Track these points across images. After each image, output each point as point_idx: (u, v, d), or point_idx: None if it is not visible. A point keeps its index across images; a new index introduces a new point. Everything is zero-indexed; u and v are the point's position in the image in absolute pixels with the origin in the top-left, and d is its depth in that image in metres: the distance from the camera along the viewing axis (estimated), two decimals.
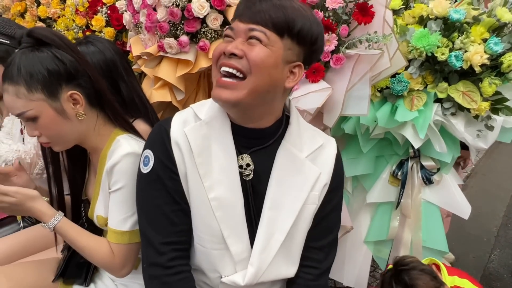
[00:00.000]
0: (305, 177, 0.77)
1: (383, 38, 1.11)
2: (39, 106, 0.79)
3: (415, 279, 0.96)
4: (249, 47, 0.68)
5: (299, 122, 0.82)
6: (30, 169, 1.17)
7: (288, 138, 0.78)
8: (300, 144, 0.79)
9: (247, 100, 0.69)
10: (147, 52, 1.42)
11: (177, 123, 0.76)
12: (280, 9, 0.67)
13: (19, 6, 2.11)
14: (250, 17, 0.68)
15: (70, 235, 0.85)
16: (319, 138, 0.83)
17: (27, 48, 0.79)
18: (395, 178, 1.48)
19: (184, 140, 0.74)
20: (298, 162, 0.78)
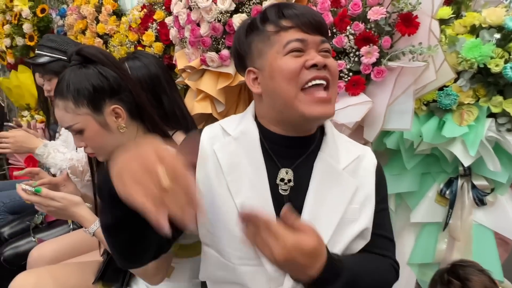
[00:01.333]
0: (343, 189, 0.74)
1: (428, 49, 1.05)
2: (85, 120, 0.85)
3: (470, 274, 0.88)
4: (328, 59, 0.71)
5: (333, 132, 0.80)
6: (82, 176, 1.25)
7: (325, 148, 0.76)
8: (337, 156, 0.76)
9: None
10: (190, 66, 1.47)
11: (206, 138, 0.77)
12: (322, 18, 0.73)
13: (81, 24, 2.30)
14: (320, 29, 0.71)
15: None
16: (355, 149, 0.80)
17: (75, 65, 0.86)
18: (442, 197, 1.39)
19: (212, 157, 0.74)
20: (335, 174, 0.75)
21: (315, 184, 0.73)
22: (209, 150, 0.75)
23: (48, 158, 1.26)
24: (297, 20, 0.70)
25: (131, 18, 2.00)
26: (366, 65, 1.16)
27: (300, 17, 0.70)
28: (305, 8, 0.72)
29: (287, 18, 0.71)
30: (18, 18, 2.44)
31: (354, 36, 1.16)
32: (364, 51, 1.14)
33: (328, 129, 0.79)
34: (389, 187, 1.41)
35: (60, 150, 1.29)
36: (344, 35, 1.18)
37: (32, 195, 0.87)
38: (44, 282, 0.95)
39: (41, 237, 1.34)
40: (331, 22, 1.23)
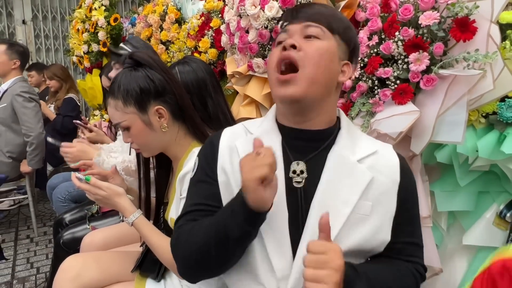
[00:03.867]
0: (356, 181, 0.73)
1: (484, 56, 0.96)
2: (131, 118, 0.93)
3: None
4: (307, 42, 0.72)
5: (349, 127, 0.80)
6: (135, 174, 1.36)
7: (340, 142, 0.76)
8: (352, 148, 0.76)
9: (310, 92, 0.71)
10: (238, 71, 1.52)
11: (228, 135, 0.81)
12: (331, 13, 0.75)
13: (147, 32, 2.49)
14: (304, 17, 0.73)
15: (144, 232, 0.96)
16: (373, 144, 0.79)
17: (127, 68, 0.94)
18: (502, 220, 1.25)
19: (234, 152, 0.77)
20: (348, 164, 0.74)
21: (327, 175, 0.73)
22: (231, 145, 0.78)
23: (104, 164, 1.40)
24: (291, 15, 0.75)
25: (189, 26, 2.12)
26: (414, 73, 1.10)
27: (293, 13, 0.75)
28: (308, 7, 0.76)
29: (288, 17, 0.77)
30: (94, 26, 2.72)
31: (403, 42, 1.11)
32: (413, 57, 1.09)
33: (343, 123, 0.79)
34: (440, 204, 1.33)
35: (113, 156, 1.41)
36: (393, 41, 1.13)
37: (83, 183, 0.97)
38: (89, 265, 1.05)
39: (94, 225, 1.48)
40: (380, 28, 1.18)
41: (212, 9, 2.06)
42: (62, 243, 1.47)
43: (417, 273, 0.77)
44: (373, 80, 1.19)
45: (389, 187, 0.74)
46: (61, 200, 1.96)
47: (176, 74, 1.24)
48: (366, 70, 1.20)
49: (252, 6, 1.35)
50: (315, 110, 0.75)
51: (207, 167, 0.79)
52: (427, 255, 1.28)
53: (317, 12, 0.74)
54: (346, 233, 0.72)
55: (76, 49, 2.96)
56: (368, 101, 1.22)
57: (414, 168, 1.28)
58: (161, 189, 1.10)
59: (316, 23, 0.72)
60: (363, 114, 1.23)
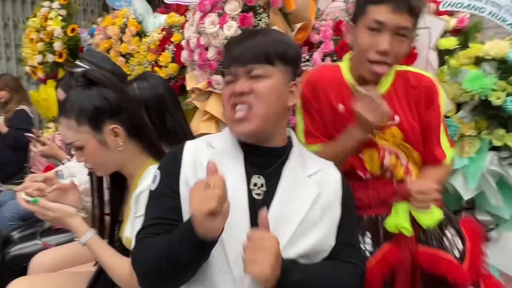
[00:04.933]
0: (307, 193, 0.81)
1: None
2: (85, 138, 0.91)
3: None
4: (255, 83, 0.77)
5: (300, 146, 0.88)
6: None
7: (292, 158, 0.83)
8: (302, 164, 0.84)
9: (264, 128, 0.78)
10: (198, 87, 1.53)
11: (191, 148, 0.83)
12: (265, 44, 0.79)
13: (106, 43, 2.44)
14: (246, 59, 0.78)
15: (97, 252, 0.94)
16: (318, 162, 0.87)
17: (80, 87, 0.93)
18: None
19: (197, 165, 0.80)
20: (300, 179, 0.82)
21: (282, 188, 0.80)
22: (194, 159, 0.81)
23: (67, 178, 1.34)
24: (232, 56, 0.80)
25: (150, 40, 2.11)
26: None
27: (234, 51, 0.80)
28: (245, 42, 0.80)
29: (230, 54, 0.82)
30: (50, 36, 2.62)
31: None
32: None
33: (295, 142, 0.86)
34: None
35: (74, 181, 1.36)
36: None
37: (31, 205, 0.94)
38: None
39: (46, 241, 1.41)
40: (332, 50, 1.26)
41: (173, 24, 2.07)
42: (8, 260, 1.38)
43: (356, 273, 0.82)
44: None
45: (334, 198, 0.83)
46: (8, 218, 1.84)
47: (134, 90, 1.23)
48: None
49: (211, 25, 1.38)
50: (270, 136, 0.82)
51: (169, 180, 0.81)
52: None
53: (255, 48, 0.78)
54: (297, 239, 0.78)
55: (30, 59, 2.84)
56: None
57: None
58: (116, 207, 1.08)
59: (257, 64, 0.77)
60: None
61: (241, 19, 1.32)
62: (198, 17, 1.46)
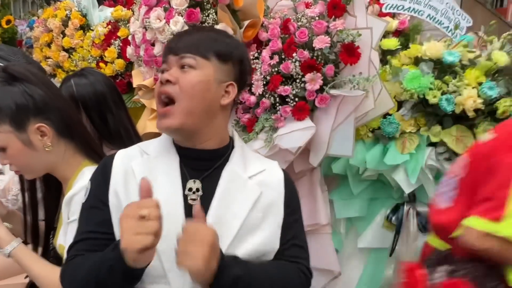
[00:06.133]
0: (246, 195, 0.78)
1: (366, 80, 1.08)
2: (7, 138, 0.84)
3: None
4: (182, 74, 0.75)
5: (243, 147, 0.86)
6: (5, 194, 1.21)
7: (232, 160, 0.81)
8: (244, 166, 0.81)
9: (187, 123, 0.74)
10: (144, 84, 1.47)
11: (121, 157, 0.79)
12: (203, 38, 0.78)
13: (46, 37, 2.28)
14: (179, 49, 0.76)
15: (24, 262, 0.87)
16: (262, 163, 0.85)
17: (1, 83, 0.84)
18: (389, 222, 1.40)
19: (129, 173, 0.76)
20: (240, 181, 0.79)
21: (220, 191, 0.77)
22: (125, 167, 0.77)
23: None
24: (170, 46, 0.79)
25: (95, 34, 2.00)
26: (310, 92, 1.18)
27: (172, 44, 0.79)
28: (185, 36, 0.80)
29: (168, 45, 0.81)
30: None
31: (299, 63, 1.19)
32: (308, 78, 1.17)
33: (236, 143, 0.84)
34: (338, 212, 1.44)
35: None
36: (291, 61, 1.20)
37: None
38: None
39: None
40: (280, 48, 1.25)
41: (120, 18, 1.97)
42: None
43: (301, 273, 0.81)
44: (275, 97, 1.25)
45: (276, 199, 0.80)
46: None
47: (71, 87, 1.16)
48: (269, 87, 1.25)
49: (157, 19, 1.33)
50: (201, 135, 0.78)
51: (98, 191, 0.77)
52: (327, 260, 1.39)
53: (193, 40, 0.77)
54: (238, 243, 0.75)
55: None
56: (271, 117, 1.27)
57: (314, 180, 1.37)
58: (50, 213, 1.01)
59: (189, 54, 0.75)
60: (266, 129, 1.28)
61: (188, 14, 1.28)
62: (143, 11, 1.40)
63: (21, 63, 1.23)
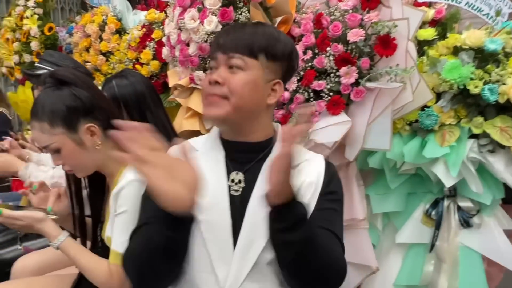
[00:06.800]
0: None
1: (403, 71, 1.06)
2: (61, 139, 0.89)
3: None
4: (231, 75, 0.77)
5: None
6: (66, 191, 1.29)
7: (274, 151, 0.82)
8: None
9: (232, 117, 0.77)
10: (180, 84, 1.52)
11: (174, 152, 0.81)
12: (252, 35, 0.78)
13: (85, 42, 2.39)
14: (228, 47, 0.77)
15: (71, 255, 0.92)
16: (306, 154, 0.86)
17: (50, 88, 0.90)
18: (429, 218, 1.37)
19: None
20: None
21: (260, 181, 0.79)
22: None
23: (31, 178, 1.31)
24: (219, 43, 0.80)
25: (130, 37, 2.07)
26: (345, 85, 1.18)
27: (220, 40, 0.80)
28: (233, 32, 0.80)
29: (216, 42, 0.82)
30: (26, 36, 2.55)
31: (333, 57, 1.18)
32: (343, 71, 1.16)
33: (279, 136, 0.83)
34: (375, 207, 1.42)
35: (42, 169, 1.33)
36: (325, 56, 1.20)
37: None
38: None
39: (27, 246, 1.38)
40: (313, 43, 1.26)
41: (153, 20, 2.03)
42: None
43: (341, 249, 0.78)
44: (309, 92, 1.25)
45: (315, 184, 0.81)
46: None
47: (113, 88, 1.21)
48: (302, 83, 1.26)
49: (191, 20, 1.36)
50: (245, 128, 0.80)
51: None
52: (365, 255, 1.38)
53: (242, 38, 0.77)
54: None
55: (6, 59, 2.75)
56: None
57: (350, 174, 1.36)
58: (96, 207, 1.06)
59: (238, 54, 0.76)
60: None
61: (221, 13, 1.30)
62: (177, 13, 1.44)
63: (67, 68, 1.30)
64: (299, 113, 0.69)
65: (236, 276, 0.74)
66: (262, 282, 0.75)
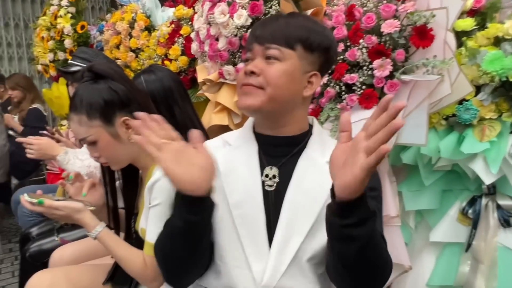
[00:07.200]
0: (324, 180, 0.75)
1: (442, 62, 1.02)
2: (98, 132, 0.92)
3: None
4: (267, 65, 0.76)
5: (322, 133, 0.85)
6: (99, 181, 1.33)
7: (310, 146, 0.81)
8: (322, 151, 0.80)
9: (267, 107, 0.76)
10: (209, 79, 1.52)
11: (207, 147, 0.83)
12: (289, 26, 0.76)
13: (115, 39, 2.45)
14: (265, 38, 0.76)
15: (108, 245, 0.94)
16: None
17: (88, 81, 0.92)
18: (465, 216, 1.31)
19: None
20: (317, 165, 0.78)
21: (296, 177, 0.78)
22: None
23: (68, 164, 1.36)
24: (255, 34, 0.79)
25: (159, 33, 2.10)
26: (379, 78, 1.14)
27: (257, 31, 0.79)
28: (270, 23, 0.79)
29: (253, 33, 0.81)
30: (60, 34, 2.64)
31: (367, 49, 1.15)
32: (376, 64, 1.13)
33: (315, 130, 0.84)
34: (407, 204, 1.38)
35: (80, 157, 1.37)
36: (357, 48, 1.17)
37: (36, 206, 0.93)
38: (58, 281, 1.01)
39: (63, 237, 1.43)
40: (345, 35, 1.23)
41: (182, 16, 2.05)
42: (28, 256, 1.42)
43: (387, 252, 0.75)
44: (340, 86, 1.23)
45: None
46: (27, 214, 1.88)
47: (141, 83, 1.23)
48: (334, 76, 1.23)
49: (221, 14, 1.37)
50: (281, 121, 0.79)
51: None
52: (397, 253, 1.34)
53: (279, 28, 0.76)
54: (318, 228, 0.74)
55: (41, 57, 2.87)
56: (337, 106, 1.25)
57: (382, 170, 1.33)
58: (130, 200, 1.09)
59: (275, 44, 0.75)
60: (332, 119, 1.26)
61: (251, 7, 1.30)
62: (207, 8, 1.45)
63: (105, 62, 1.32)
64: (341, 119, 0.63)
65: (273, 273, 0.73)
66: (299, 279, 0.74)
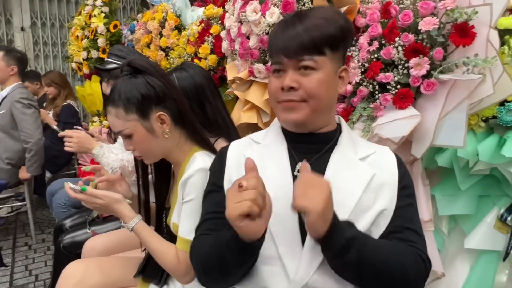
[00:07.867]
0: (358, 176, 0.77)
1: (484, 61, 0.98)
2: (133, 126, 0.93)
3: None
4: (303, 77, 0.75)
5: (350, 131, 0.86)
6: (130, 176, 1.36)
7: (341, 143, 0.81)
8: (353, 148, 0.81)
9: (312, 118, 0.78)
10: (239, 77, 1.53)
11: (234, 147, 0.86)
12: (309, 31, 0.73)
13: (146, 38, 2.50)
14: (294, 50, 0.74)
15: (143, 237, 0.96)
16: (372, 146, 0.85)
17: (126, 76, 0.94)
18: (503, 223, 1.25)
19: (241, 163, 0.77)
20: (351, 163, 0.79)
21: (330, 171, 0.78)
22: (238, 157, 0.83)
23: (103, 157, 1.40)
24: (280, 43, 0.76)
25: (189, 32, 2.13)
26: (415, 78, 1.11)
27: (279, 43, 0.76)
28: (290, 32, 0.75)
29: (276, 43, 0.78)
30: (94, 33, 2.73)
31: (403, 48, 1.12)
32: (413, 63, 1.10)
33: (344, 127, 0.84)
34: (441, 208, 1.34)
35: (114, 151, 1.41)
36: (393, 46, 1.14)
37: (79, 193, 0.96)
38: (91, 271, 1.04)
39: (95, 230, 1.48)
40: (380, 33, 1.20)
41: (212, 15, 2.07)
42: (62, 247, 1.47)
43: (418, 256, 0.74)
44: (373, 85, 1.20)
45: (389, 180, 0.78)
46: (61, 205, 1.95)
47: (173, 80, 1.25)
48: (367, 75, 1.21)
49: (253, 12, 1.37)
50: (319, 123, 0.80)
51: (216, 179, 0.84)
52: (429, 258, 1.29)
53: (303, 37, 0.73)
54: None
55: (76, 55, 2.97)
56: (369, 105, 1.22)
57: (415, 172, 1.29)
58: (162, 194, 1.10)
59: (307, 55, 0.73)
60: (364, 119, 1.24)
61: (284, 4, 1.29)
62: (239, 6, 1.45)
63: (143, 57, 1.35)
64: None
65: (306, 269, 0.73)
66: (332, 275, 0.74)
